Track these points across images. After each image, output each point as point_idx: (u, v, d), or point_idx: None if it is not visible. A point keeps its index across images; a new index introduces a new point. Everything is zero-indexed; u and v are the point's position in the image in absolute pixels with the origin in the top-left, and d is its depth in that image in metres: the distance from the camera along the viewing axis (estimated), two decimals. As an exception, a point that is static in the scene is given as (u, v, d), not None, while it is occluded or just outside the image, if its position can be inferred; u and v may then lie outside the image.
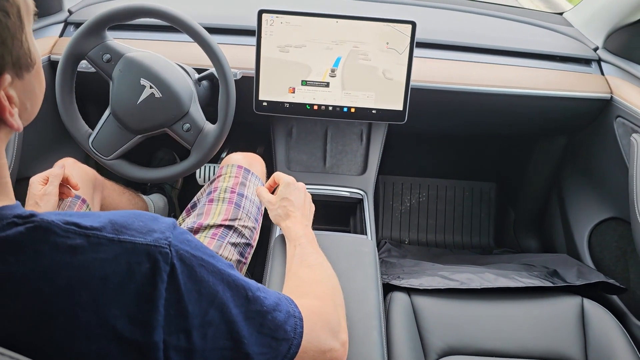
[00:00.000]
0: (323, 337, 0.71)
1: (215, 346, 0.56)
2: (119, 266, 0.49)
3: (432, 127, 1.68)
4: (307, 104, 1.31)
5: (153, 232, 0.52)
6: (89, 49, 1.11)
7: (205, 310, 0.55)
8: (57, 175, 1.06)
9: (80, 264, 0.48)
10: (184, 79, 1.16)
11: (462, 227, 2.07)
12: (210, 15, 1.47)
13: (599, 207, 1.56)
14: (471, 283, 1.21)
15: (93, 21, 1.09)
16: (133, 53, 1.13)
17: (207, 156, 1.15)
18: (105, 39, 1.12)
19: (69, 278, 0.47)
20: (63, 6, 1.46)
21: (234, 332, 0.57)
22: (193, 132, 1.14)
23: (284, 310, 0.65)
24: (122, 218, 0.53)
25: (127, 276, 0.49)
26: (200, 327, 0.54)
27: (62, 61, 1.11)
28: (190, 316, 0.53)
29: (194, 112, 1.15)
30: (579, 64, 1.52)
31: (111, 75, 1.12)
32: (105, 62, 1.12)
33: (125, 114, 1.13)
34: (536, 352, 1.10)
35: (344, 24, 1.24)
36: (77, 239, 0.48)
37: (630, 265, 1.41)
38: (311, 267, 0.88)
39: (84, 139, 1.17)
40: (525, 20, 1.68)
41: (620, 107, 1.39)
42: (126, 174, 1.18)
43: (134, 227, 0.52)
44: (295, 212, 1.00)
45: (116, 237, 0.50)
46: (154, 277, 0.50)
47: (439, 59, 1.45)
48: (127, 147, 1.17)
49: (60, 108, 1.14)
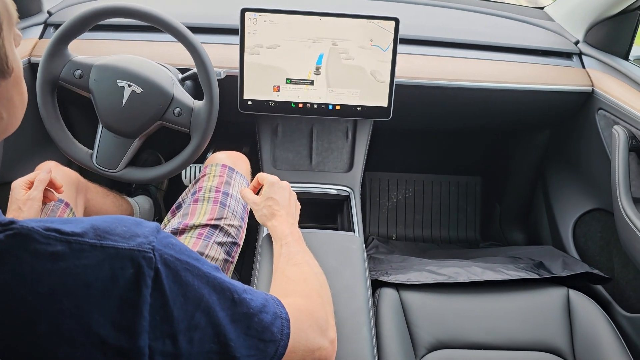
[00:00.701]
0: (311, 336, 0.71)
1: (202, 350, 0.56)
2: (102, 272, 0.48)
3: (417, 122, 1.69)
4: (292, 102, 1.30)
5: (136, 237, 0.52)
6: (59, 71, 1.10)
7: (191, 314, 0.54)
8: (43, 181, 1.05)
9: (62, 270, 0.47)
10: (159, 68, 1.16)
11: (449, 221, 2.08)
12: (193, 14, 1.46)
13: (583, 199, 1.58)
14: (458, 277, 1.22)
15: (52, 43, 1.08)
16: (101, 60, 1.12)
17: (207, 133, 1.14)
18: (69, 56, 1.11)
19: (51, 285, 0.47)
20: (42, 7, 1.44)
21: (220, 335, 0.57)
22: (185, 114, 1.13)
23: (270, 312, 0.64)
24: (105, 223, 0.52)
25: (111, 282, 0.49)
26: (186, 331, 0.54)
27: (40, 93, 1.11)
28: (175, 321, 0.53)
29: (179, 94, 1.14)
30: (561, 58, 1.54)
31: (89, 89, 1.11)
32: (78, 78, 1.11)
33: (116, 121, 1.12)
34: (524, 343, 1.12)
35: (327, 21, 1.23)
36: (59, 245, 0.48)
37: (614, 255, 1.43)
38: (298, 265, 0.88)
39: (86, 159, 1.16)
40: (507, 15, 1.69)
41: (602, 100, 1.41)
42: (139, 178, 1.18)
43: (116, 232, 0.51)
44: (280, 211, 1.00)
45: (98, 243, 0.49)
46: (137, 282, 0.50)
47: (423, 55, 1.45)
48: (131, 153, 1.17)
49: (54, 137, 1.14)
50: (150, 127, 1.14)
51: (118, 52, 1.19)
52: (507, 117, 1.59)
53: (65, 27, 1.07)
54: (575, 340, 1.12)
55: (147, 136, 1.17)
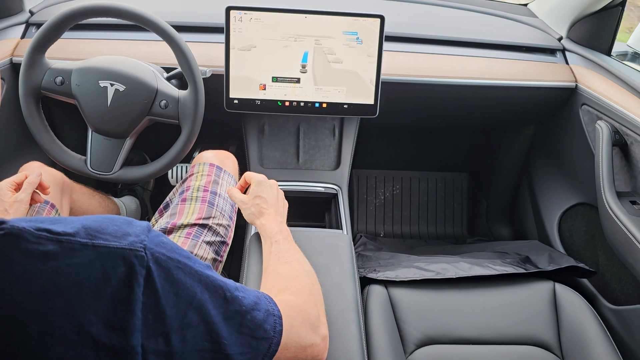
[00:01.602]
0: (303, 333, 0.71)
1: (195, 348, 0.55)
2: (93, 271, 0.48)
3: (404, 119, 1.70)
4: (278, 101, 1.30)
5: (128, 236, 0.52)
6: (40, 80, 1.08)
7: (184, 312, 0.54)
8: (32, 183, 1.03)
9: (54, 270, 0.47)
10: (139, 64, 1.15)
11: (436, 217, 2.09)
12: (178, 13, 1.45)
13: (568, 194, 1.60)
14: (446, 273, 1.22)
15: (28, 53, 1.06)
16: (80, 63, 1.11)
17: (196, 121, 1.13)
18: (48, 64, 1.10)
19: (43, 285, 0.46)
20: (24, 7, 1.42)
21: (213, 333, 0.57)
22: (172, 105, 1.13)
23: (262, 309, 0.65)
24: (96, 223, 0.52)
25: (103, 281, 0.48)
26: (179, 329, 0.54)
27: (25, 105, 1.09)
28: (168, 319, 0.52)
29: (163, 87, 1.13)
30: (544, 54, 1.55)
31: (72, 94, 1.10)
32: (59, 85, 1.09)
33: (104, 122, 1.11)
34: (511, 338, 1.13)
35: (312, 19, 1.23)
36: (50, 245, 0.47)
37: (599, 249, 1.45)
38: (288, 263, 0.88)
39: (81, 166, 1.15)
40: (491, 12, 1.70)
41: (585, 95, 1.43)
42: (136, 177, 1.17)
43: (108, 231, 0.51)
44: (268, 210, 1.00)
45: (90, 242, 0.49)
46: (130, 281, 0.49)
47: (408, 52, 1.46)
48: (124, 153, 1.16)
49: (46, 148, 1.13)
50: (139, 124, 1.13)
51: (101, 52, 1.18)
52: (492, 113, 1.60)
53: (39, 35, 1.05)
54: (562, 333, 1.14)
55: (137, 134, 1.16)
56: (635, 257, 1.13)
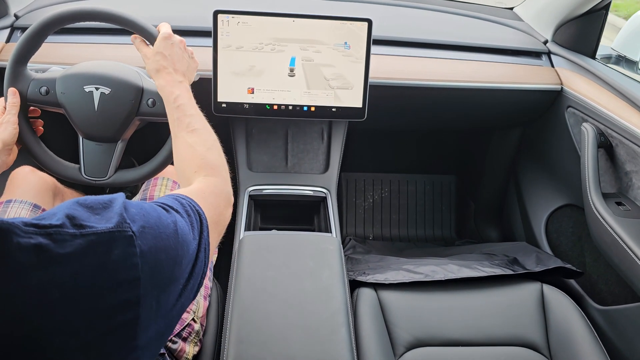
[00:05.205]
0: (226, 214, 0.77)
1: (173, 298, 0.59)
2: (86, 258, 0.49)
3: (392, 122, 1.71)
4: (266, 104, 1.30)
5: (111, 218, 0.52)
6: (25, 92, 1.07)
7: (170, 271, 0.57)
8: (15, 104, 1.01)
9: (48, 262, 0.47)
10: (122, 65, 1.14)
11: (425, 220, 2.10)
12: (164, 17, 1.44)
13: (555, 195, 1.61)
14: (435, 275, 1.23)
15: (10, 67, 1.05)
16: (63, 71, 1.10)
17: None
18: (30, 76, 1.08)
19: (39, 277, 0.46)
20: (9, 11, 1.41)
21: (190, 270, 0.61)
22: (159, 102, 1.11)
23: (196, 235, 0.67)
24: (76, 212, 0.52)
25: (97, 266, 0.49)
26: (170, 285, 0.56)
27: None
28: (164, 282, 0.55)
29: (149, 85, 1.12)
30: (530, 57, 1.57)
31: (58, 103, 1.09)
32: (45, 95, 1.08)
33: (93, 128, 1.10)
34: (500, 339, 1.13)
35: (300, 23, 1.24)
36: (40, 238, 0.47)
37: (586, 250, 1.46)
38: (197, 131, 0.88)
39: (75, 174, 1.14)
40: (477, 15, 1.72)
41: (571, 98, 1.44)
42: (133, 178, 1.16)
43: (91, 218, 0.52)
44: (167, 68, 0.97)
45: (78, 232, 0.49)
46: (125, 261, 0.50)
47: (395, 56, 1.47)
48: (117, 157, 1.15)
49: (40, 161, 1.11)
50: (128, 126, 1.12)
51: (86, 56, 1.17)
52: (478, 116, 1.62)
53: (18, 47, 1.04)
54: (550, 334, 1.14)
55: (128, 137, 1.15)
56: (621, 258, 1.14)
